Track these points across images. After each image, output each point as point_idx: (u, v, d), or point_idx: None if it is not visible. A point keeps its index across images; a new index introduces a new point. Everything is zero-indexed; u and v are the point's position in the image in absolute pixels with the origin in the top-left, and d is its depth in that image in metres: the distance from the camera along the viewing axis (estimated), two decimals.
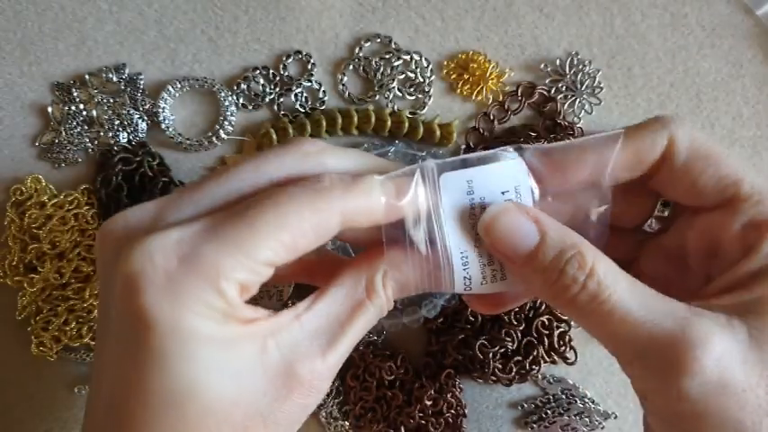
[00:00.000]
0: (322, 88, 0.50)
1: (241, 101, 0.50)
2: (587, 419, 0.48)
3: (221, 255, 0.23)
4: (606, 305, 0.25)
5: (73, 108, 0.49)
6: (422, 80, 0.50)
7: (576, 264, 0.25)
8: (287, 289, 0.47)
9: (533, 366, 0.47)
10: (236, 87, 0.50)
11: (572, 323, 0.48)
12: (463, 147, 0.50)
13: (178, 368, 0.22)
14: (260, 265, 0.24)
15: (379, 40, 0.50)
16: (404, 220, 0.27)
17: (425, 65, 0.50)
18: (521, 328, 0.47)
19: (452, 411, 0.47)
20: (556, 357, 0.47)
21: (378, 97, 0.50)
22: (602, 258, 0.26)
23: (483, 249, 0.28)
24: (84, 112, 0.49)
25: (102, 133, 0.49)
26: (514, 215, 0.27)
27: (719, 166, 0.28)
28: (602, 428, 0.48)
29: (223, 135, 0.49)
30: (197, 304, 0.23)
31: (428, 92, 0.50)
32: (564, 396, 0.49)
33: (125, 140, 0.49)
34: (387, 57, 0.50)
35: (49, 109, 0.49)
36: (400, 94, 0.50)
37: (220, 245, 0.23)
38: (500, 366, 0.46)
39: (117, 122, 0.49)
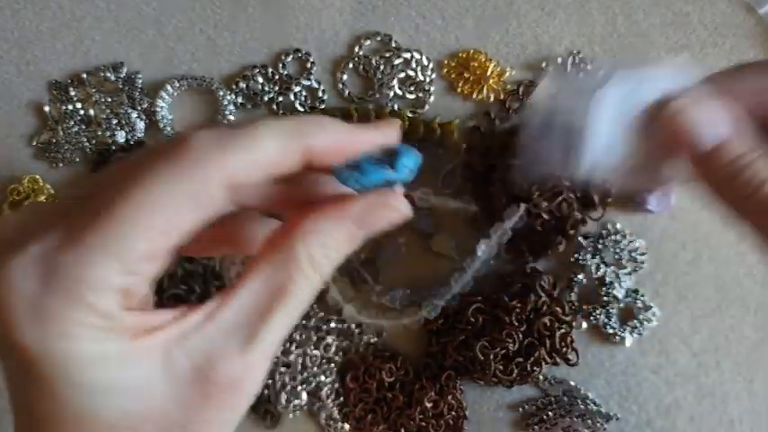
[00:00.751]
0: (321, 87, 0.50)
1: (240, 100, 0.49)
2: (589, 421, 0.48)
3: (83, 263, 0.20)
4: None
5: (70, 107, 0.49)
6: (422, 79, 0.49)
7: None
8: None
9: (535, 368, 0.46)
10: (234, 86, 0.49)
11: (573, 324, 0.47)
12: (464, 146, 0.49)
13: (65, 395, 0.21)
14: (135, 262, 0.21)
15: (378, 39, 0.50)
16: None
17: (426, 63, 0.49)
18: (522, 329, 0.46)
19: (453, 413, 0.47)
20: (557, 359, 0.47)
21: (378, 96, 0.50)
22: None
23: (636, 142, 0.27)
24: (82, 112, 0.49)
25: (99, 132, 0.49)
26: (707, 105, 0.26)
27: None
28: (603, 430, 0.48)
29: None
30: (67, 326, 0.20)
31: (428, 91, 0.50)
32: (565, 398, 0.48)
33: (123, 140, 0.49)
34: (387, 55, 0.49)
35: (47, 108, 0.49)
36: (400, 93, 0.50)
37: (80, 251, 0.20)
38: (501, 368, 0.46)
39: (115, 122, 0.49)
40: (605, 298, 0.48)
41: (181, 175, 0.21)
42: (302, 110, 0.50)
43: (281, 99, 0.50)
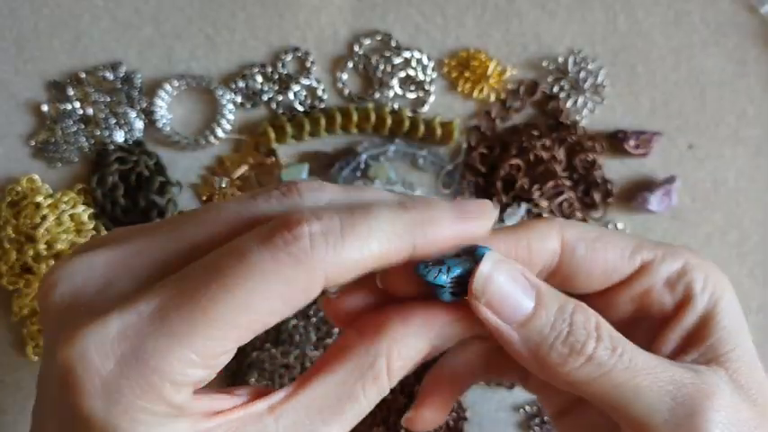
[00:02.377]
0: (321, 86, 0.49)
1: (239, 99, 0.49)
2: None
3: (165, 355, 0.20)
4: (626, 357, 0.23)
5: (68, 106, 0.49)
6: (422, 78, 0.49)
7: (583, 318, 0.24)
8: None
9: None
10: (233, 85, 0.49)
11: None
12: (464, 146, 0.49)
13: None
14: (218, 356, 0.21)
15: (378, 38, 0.49)
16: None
17: (426, 62, 0.49)
18: None
19: (453, 414, 0.47)
20: None
21: (377, 95, 0.49)
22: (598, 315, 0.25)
23: None
24: (80, 111, 0.49)
25: (98, 132, 0.49)
26: (511, 273, 0.24)
27: (618, 240, 0.27)
28: None
29: (220, 134, 0.49)
30: (136, 411, 0.20)
31: (429, 90, 0.49)
32: None
33: (121, 139, 0.49)
34: (387, 54, 0.49)
35: (45, 107, 0.49)
36: (400, 93, 0.49)
37: (165, 342, 0.20)
38: None
39: (113, 121, 0.48)
40: None
41: (286, 281, 0.20)
42: (302, 109, 0.49)
43: (280, 98, 0.49)
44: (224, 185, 0.49)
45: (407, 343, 0.23)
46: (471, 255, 0.24)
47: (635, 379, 0.23)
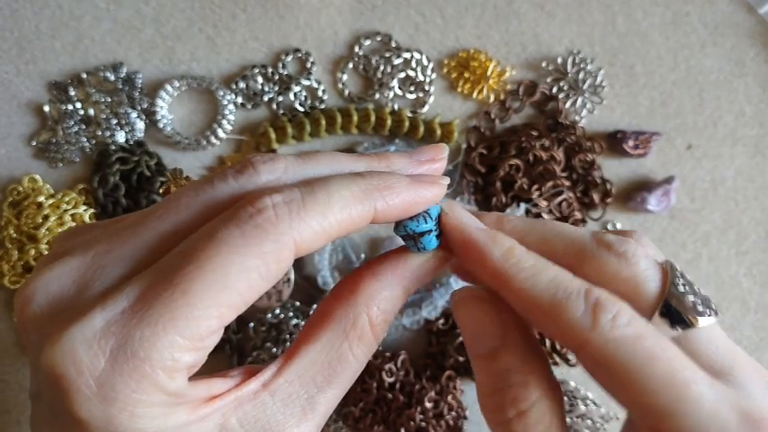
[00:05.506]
0: (321, 87, 0.50)
1: (239, 99, 0.49)
2: (589, 421, 0.48)
3: (154, 342, 0.19)
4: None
5: (70, 107, 0.49)
6: (422, 78, 0.49)
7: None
8: (286, 289, 0.47)
9: None
10: (234, 86, 0.49)
11: None
12: (464, 146, 0.49)
13: None
14: (205, 338, 0.20)
15: (378, 39, 0.49)
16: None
17: (426, 63, 0.49)
18: None
19: (453, 413, 0.47)
20: (557, 359, 0.47)
21: (378, 96, 0.49)
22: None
23: None
24: (82, 111, 0.49)
25: (99, 132, 0.49)
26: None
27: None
28: (603, 430, 0.48)
29: (221, 134, 0.49)
30: (135, 405, 0.20)
31: (428, 90, 0.49)
32: (566, 398, 0.48)
33: (122, 140, 0.49)
34: (386, 55, 0.49)
35: (46, 108, 0.49)
36: (400, 93, 0.50)
37: (150, 329, 0.20)
38: None
39: (114, 121, 0.49)
40: None
41: (258, 252, 0.20)
42: (302, 109, 0.49)
43: (280, 99, 0.49)
44: None
45: (383, 296, 0.24)
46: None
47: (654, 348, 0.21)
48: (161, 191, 0.49)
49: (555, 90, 0.49)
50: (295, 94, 0.49)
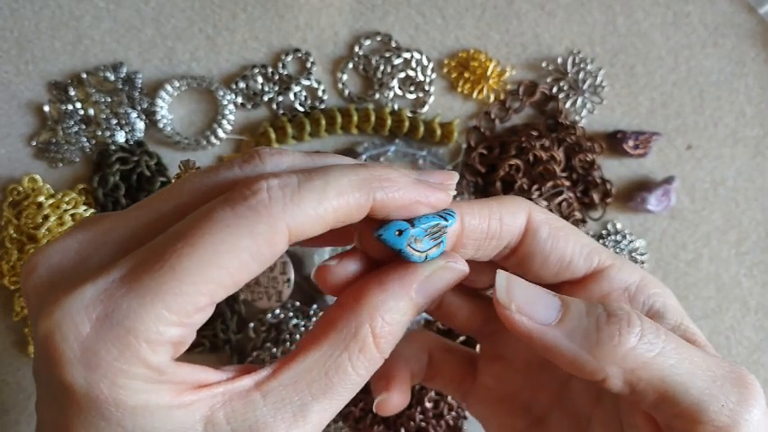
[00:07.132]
0: (321, 87, 0.50)
1: (239, 99, 0.49)
2: None
3: (140, 314, 0.20)
4: (671, 337, 0.23)
5: (70, 107, 0.49)
6: (422, 79, 0.49)
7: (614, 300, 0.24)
8: (286, 289, 0.47)
9: None
10: (234, 86, 0.49)
11: None
12: (464, 146, 0.49)
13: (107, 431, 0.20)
14: (192, 314, 0.20)
15: (378, 38, 0.49)
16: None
17: (426, 63, 0.49)
18: None
19: (453, 413, 0.47)
20: None
21: (378, 96, 0.49)
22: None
23: None
24: (82, 111, 0.49)
25: (99, 132, 0.49)
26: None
27: (579, 237, 0.27)
28: None
29: (221, 134, 0.49)
30: (117, 376, 0.20)
31: (428, 90, 0.49)
32: None
33: (122, 140, 0.49)
34: (387, 55, 0.49)
35: (46, 108, 0.49)
36: (400, 93, 0.50)
37: (138, 300, 0.20)
38: None
39: (114, 121, 0.49)
40: None
41: (249, 233, 0.20)
42: (302, 109, 0.49)
43: (280, 99, 0.49)
44: None
45: (389, 307, 0.23)
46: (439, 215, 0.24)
47: (686, 362, 0.23)
48: (173, 180, 0.49)
49: (555, 90, 0.49)
50: (295, 94, 0.49)
